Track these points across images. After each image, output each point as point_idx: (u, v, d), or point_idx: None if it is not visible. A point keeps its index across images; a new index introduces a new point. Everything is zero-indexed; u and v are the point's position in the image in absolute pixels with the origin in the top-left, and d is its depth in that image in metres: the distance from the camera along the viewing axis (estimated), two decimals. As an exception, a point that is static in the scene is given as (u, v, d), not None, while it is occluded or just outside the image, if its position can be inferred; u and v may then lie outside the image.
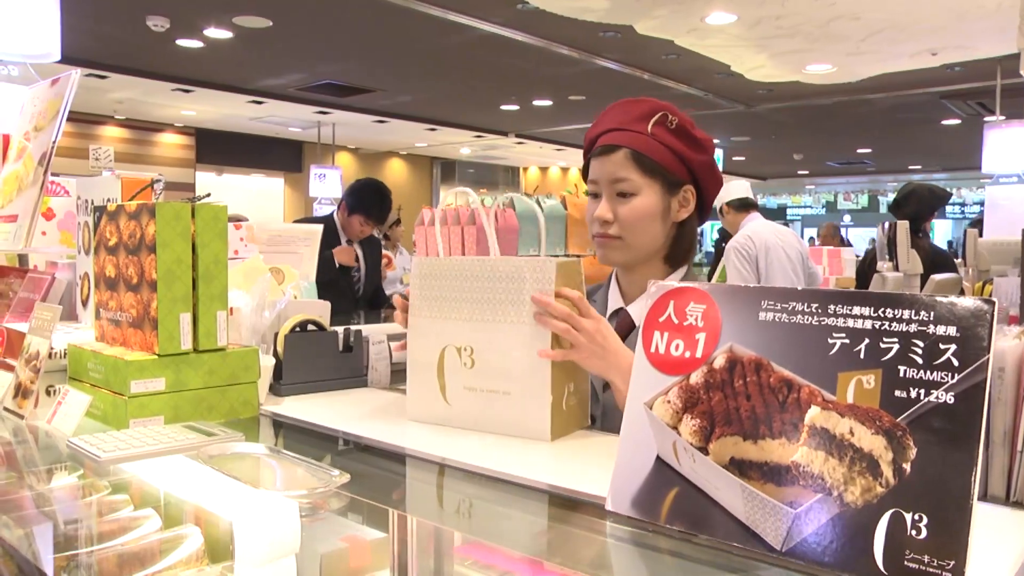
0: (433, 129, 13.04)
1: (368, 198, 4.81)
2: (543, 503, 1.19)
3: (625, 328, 1.78)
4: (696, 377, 1.03)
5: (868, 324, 0.91)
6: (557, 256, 3.98)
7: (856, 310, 0.93)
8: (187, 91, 10.01)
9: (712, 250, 19.83)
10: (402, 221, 9.38)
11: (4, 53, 3.14)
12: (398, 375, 2.59)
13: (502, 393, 1.45)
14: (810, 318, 0.96)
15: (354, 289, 4.86)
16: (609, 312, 1.84)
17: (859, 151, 16.51)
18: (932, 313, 0.87)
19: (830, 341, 0.94)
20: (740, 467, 0.96)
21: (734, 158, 16.61)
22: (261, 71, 9.12)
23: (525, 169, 18.92)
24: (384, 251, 6.58)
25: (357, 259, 4.87)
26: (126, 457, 1.33)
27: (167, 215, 1.53)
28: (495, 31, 7.07)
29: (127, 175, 1.97)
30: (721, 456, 0.98)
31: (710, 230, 26.22)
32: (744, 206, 5.31)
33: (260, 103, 10.83)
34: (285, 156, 15.01)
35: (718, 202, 5.38)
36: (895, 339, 0.89)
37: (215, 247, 1.60)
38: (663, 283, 1.10)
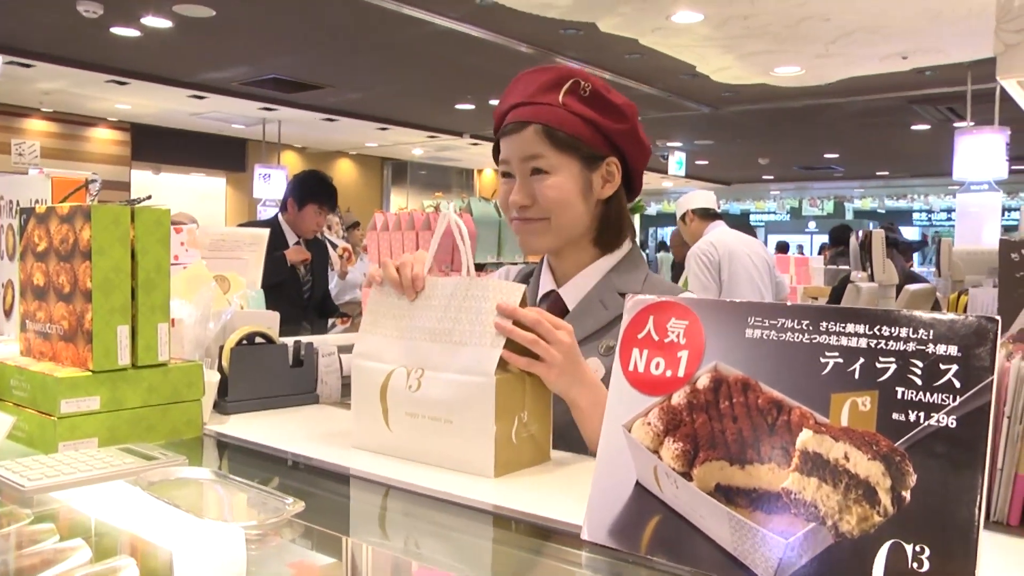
0: (384, 128, 13.00)
1: (316, 186, 4.83)
2: (510, 531, 1.16)
3: (557, 312, 1.69)
4: (678, 398, 1.01)
5: (863, 343, 0.90)
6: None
7: (850, 327, 0.91)
8: (122, 83, 9.87)
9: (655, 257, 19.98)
10: (360, 225, 9.34)
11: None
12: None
13: (443, 421, 1.34)
14: (801, 335, 0.95)
15: (302, 294, 4.82)
16: (540, 294, 1.77)
17: (826, 156, 16.76)
18: (931, 332, 0.86)
19: (822, 360, 0.92)
20: (727, 494, 0.94)
21: (697, 162, 16.75)
22: (203, 64, 9.04)
23: (480, 171, 18.93)
24: (344, 244, 6.54)
25: (306, 261, 4.83)
26: (55, 486, 1.27)
27: (104, 219, 1.48)
28: (452, 26, 7.08)
29: (58, 174, 1.91)
30: (706, 482, 0.96)
31: (668, 235, 26.51)
32: (708, 215, 5.35)
33: (201, 98, 10.73)
34: (227, 155, 14.88)
35: (681, 209, 5.41)
36: (892, 359, 0.88)
37: (156, 254, 1.55)
38: (641, 297, 1.09)
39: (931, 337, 0.86)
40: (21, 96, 10.71)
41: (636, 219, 9.63)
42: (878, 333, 0.89)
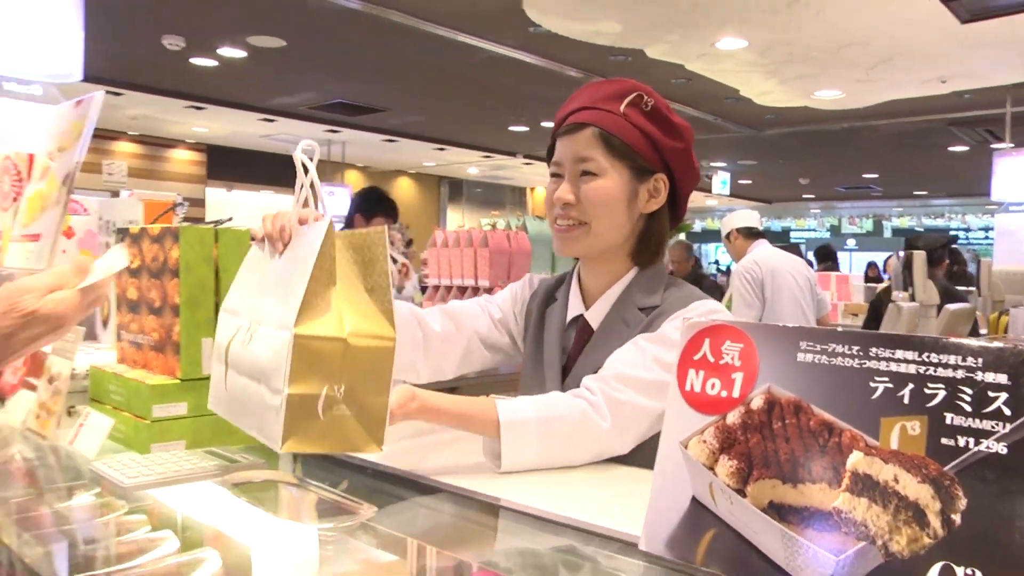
0: (442, 149, 13.08)
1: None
2: (570, 539, 1.17)
3: (584, 336, 1.67)
4: (733, 417, 1.00)
5: (912, 368, 0.89)
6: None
7: (899, 354, 0.90)
8: (199, 108, 10.07)
9: (715, 273, 19.83)
10: (413, 242, 9.40)
11: (28, 73, 3.16)
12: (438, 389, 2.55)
13: (256, 382, 1.13)
14: (851, 360, 0.94)
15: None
16: (569, 318, 1.71)
17: (865, 176, 16.53)
18: (980, 360, 0.85)
19: (872, 385, 0.91)
20: (779, 511, 0.94)
21: (740, 181, 16.63)
22: (273, 90, 9.18)
23: (532, 189, 18.96)
24: (404, 259, 6.60)
25: None
26: (150, 484, 1.31)
27: (191, 239, 1.52)
28: (507, 53, 7.11)
29: (148, 196, 1.96)
30: (759, 499, 0.96)
31: (714, 251, 26.25)
32: (752, 234, 5.31)
33: (271, 121, 10.89)
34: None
35: (727, 227, 5.38)
36: (941, 385, 0.87)
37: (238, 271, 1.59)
38: (697, 320, 1.09)
39: (980, 365, 0.85)
40: (111, 121, 11.01)
41: (682, 237, 9.59)
42: (927, 360, 0.88)
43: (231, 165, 13.97)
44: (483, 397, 1.48)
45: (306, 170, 1.25)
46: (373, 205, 4.86)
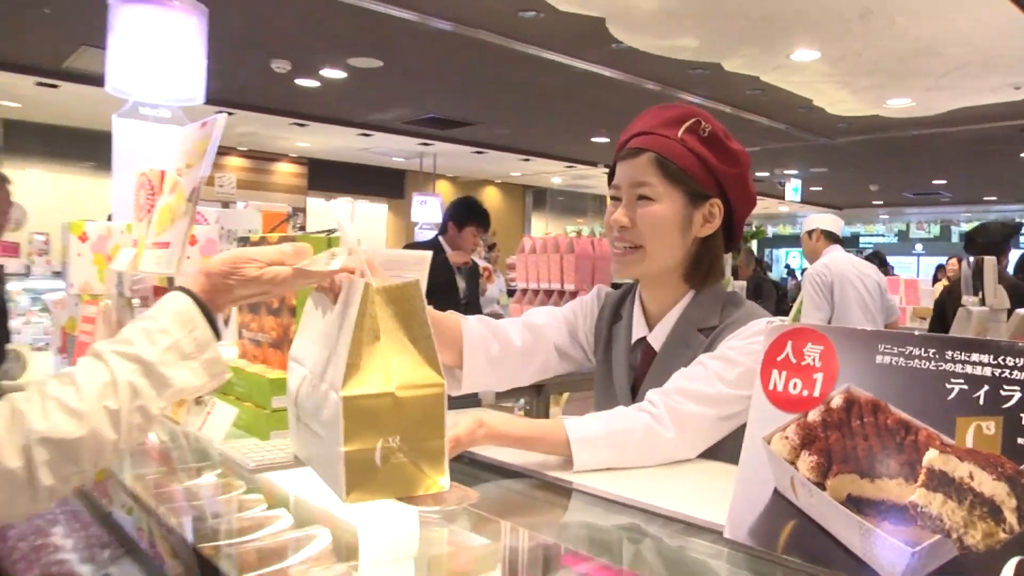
0: (527, 160, 13.13)
1: (475, 210, 4.98)
2: (655, 526, 1.18)
3: (648, 357, 1.66)
4: (814, 415, 1.01)
5: (987, 371, 0.89)
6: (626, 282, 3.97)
7: (975, 357, 0.90)
8: (302, 125, 10.30)
9: (786, 277, 19.42)
10: (496, 246, 9.48)
11: (159, 98, 3.30)
12: (503, 393, 2.60)
13: (317, 435, 1.12)
14: (927, 363, 0.94)
15: (459, 302, 4.95)
16: (634, 340, 1.70)
17: (935, 182, 16.03)
18: (1055, 363, 0.85)
19: (948, 386, 0.91)
20: (857, 504, 0.94)
21: (811, 188, 16.29)
22: (371, 107, 9.33)
23: (611, 197, 18.88)
24: (486, 264, 6.70)
25: (461, 272, 4.98)
26: (272, 466, 1.37)
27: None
28: (590, 68, 7.11)
29: (266, 207, 2.04)
30: (839, 492, 0.96)
31: (785, 256, 25.73)
32: (831, 238, 5.22)
33: (368, 135, 11.06)
34: (389, 183, 15.30)
35: (811, 225, 5.28)
36: (1016, 387, 0.86)
37: (351, 277, 1.65)
38: (780, 324, 1.09)
39: (1055, 368, 0.84)
40: (223, 138, 11.29)
41: (754, 244, 9.46)
42: (1003, 363, 0.88)
43: (330, 176, 14.25)
44: (549, 419, 1.49)
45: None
46: (465, 215, 4.93)
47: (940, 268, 12.71)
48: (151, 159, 3.03)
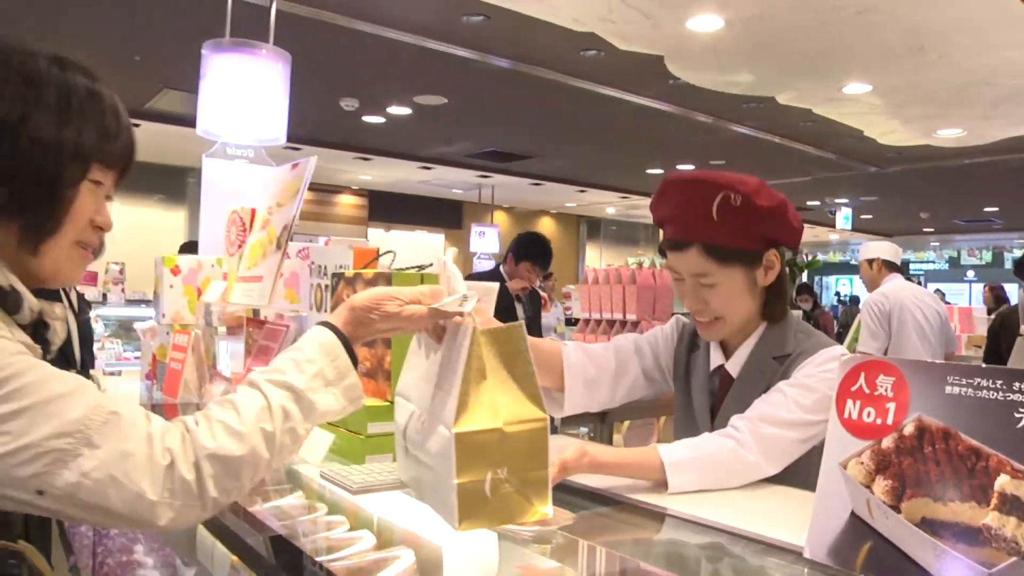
0: (583, 191, 13.19)
1: (533, 247, 5.06)
2: (739, 547, 1.23)
3: (726, 384, 1.73)
4: (888, 442, 1.06)
5: (1055, 401, 0.93)
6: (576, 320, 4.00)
7: (1042, 388, 0.95)
8: (366, 159, 10.51)
9: (836, 305, 19.11)
10: (553, 274, 9.54)
11: (244, 139, 3.47)
12: (568, 420, 2.66)
13: (428, 467, 1.17)
14: (995, 393, 0.99)
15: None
16: (712, 367, 1.77)
17: (986, 209, 15.70)
18: (1120, 394, 0.89)
19: (1016, 415, 0.96)
20: (931, 526, 0.99)
21: (862, 216, 16.08)
22: (433, 141, 9.48)
23: (664, 227, 18.85)
24: (543, 293, 6.78)
25: (521, 299, 5.07)
26: (374, 487, 1.45)
27: (400, 282, 1.67)
28: (645, 103, 7.16)
29: (357, 244, 2.14)
30: (913, 515, 1.01)
31: (835, 284, 25.28)
32: (891, 267, 5.20)
33: (429, 168, 11.22)
34: (446, 214, 15.47)
35: (871, 254, 5.25)
36: (1082, 416, 0.91)
37: (436, 310, 1.73)
38: (853, 356, 1.15)
39: (1120, 399, 0.89)
40: (287, 172, 11.64)
41: (804, 274, 9.38)
42: (1069, 394, 0.93)
43: (390, 208, 14.45)
44: (642, 447, 1.56)
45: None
46: (523, 250, 5.03)
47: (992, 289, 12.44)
48: (238, 196, 3.19)
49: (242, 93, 3.45)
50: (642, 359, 1.87)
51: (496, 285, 3.02)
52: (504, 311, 4.77)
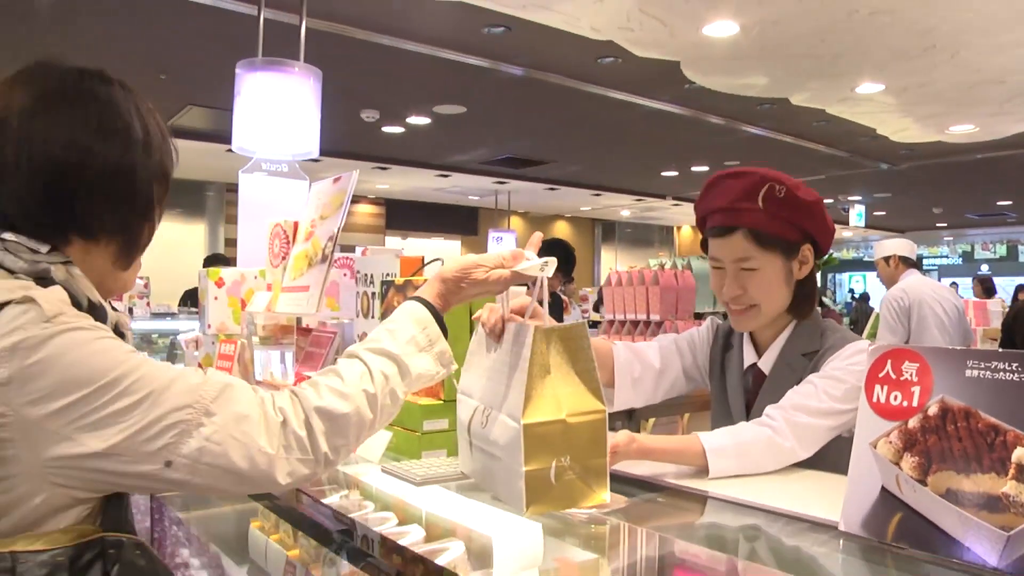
0: (598, 194, 13.29)
1: (558, 254, 5.16)
2: (780, 524, 1.34)
3: (759, 380, 1.85)
4: (913, 422, 1.17)
5: (1065, 381, 1.04)
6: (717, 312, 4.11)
7: (1053, 369, 1.06)
8: (384, 168, 10.65)
9: (850, 302, 19.09)
10: (573, 279, 9.63)
11: (278, 155, 3.60)
12: (618, 416, 2.75)
13: (496, 458, 1.26)
14: (1012, 375, 1.09)
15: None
16: (745, 366, 1.90)
17: (999, 203, 15.72)
18: (1123, 373, 1.00)
19: (1031, 394, 1.07)
20: (955, 497, 1.09)
21: (875, 213, 16.13)
22: (451, 150, 9.59)
23: (678, 228, 18.93)
24: (565, 297, 6.89)
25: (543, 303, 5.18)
26: (439, 479, 1.56)
27: (452, 289, 1.79)
28: (661, 107, 7.27)
29: (404, 254, 2.26)
30: (939, 487, 1.11)
31: (848, 280, 25.23)
32: (908, 263, 5.28)
33: (446, 176, 11.34)
34: (462, 221, 15.59)
35: (887, 251, 5.33)
36: (1090, 393, 1.01)
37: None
38: (881, 345, 1.25)
39: (1123, 377, 0.99)
40: (312, 183, 11.79)
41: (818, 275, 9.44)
42: (1078, 374, 1.03)
43: (407, 216, 14.60)
44: (684, 435, 1.68)
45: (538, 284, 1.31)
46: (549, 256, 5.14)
47: (1021, 288, 12.45)
48: (274, 209, 3.32)
49: (276, 110, 3.58)
50: (682, 358, 1.99)
51: (522, 290, 3.15)
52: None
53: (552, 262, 1.29)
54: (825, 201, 1.82)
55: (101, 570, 1.06)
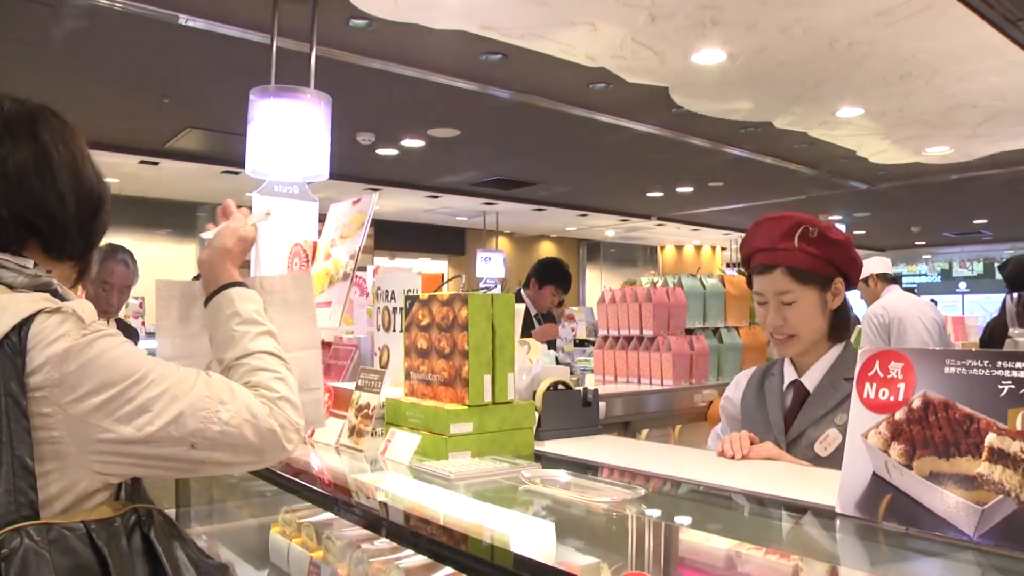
0: (584, 215, 13.45)
1: (558, 273, 5.32)
2: (779, 508, 1.50)
3: (800, 396, 2.05)
4: (900, 414, 1.33)
5: (1029, 375, 1.21)
6: (716, 328, 4.28)
7: (1018, 364, 1.22)
8: (375, 190, 10.78)
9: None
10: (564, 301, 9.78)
11: (291, 177, 3.74)
12: (615, 427, 2.90)
13: None
14: (983, 371, 1.25)
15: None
16: (786, 383, 2.10)
17: (975, 222, 16.01)
18: (1078, 368, 1.17)
19: (999, 387, 1.23)
20: (937, 478, 1.25)
21: (855, 232, 16.40)
22: (442, 171, 9.72)
23: (662, 248, 19.14)
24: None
25: (540, 321, 5.31)
26: (469, 475, 1.71)
27: (477, 303, 1.94)
28: (649, 131, 7.45)
29: (424, 271, 2.42)
30: (922, 470, 1.27)
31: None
32: (886, 279, 5.47)
33: (436, 197, 11.46)
34: (450, 241, 15.71)
35: (866, 272, 5.52)
36: (1051, 386, 1.18)
37: (506, 325, 1.99)
38: (870, 347, 1.42)
39: (1078, 371, 1.16)
40: (300, 203, 11.91)
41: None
42: (1040, 369, 1.20)
43: (395, 236, 14.68)
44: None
45: None
46: (547, 275, 5.29)
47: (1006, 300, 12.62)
48: (285, 230, 3.46)
49: (288, 134, 3.73)
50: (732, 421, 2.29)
51: (523, 307, 3.30)
52: (524, 332, 5.03)
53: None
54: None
55: (140, 533, 1.26)
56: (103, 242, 1.51)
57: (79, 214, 1.34)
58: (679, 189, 11.06)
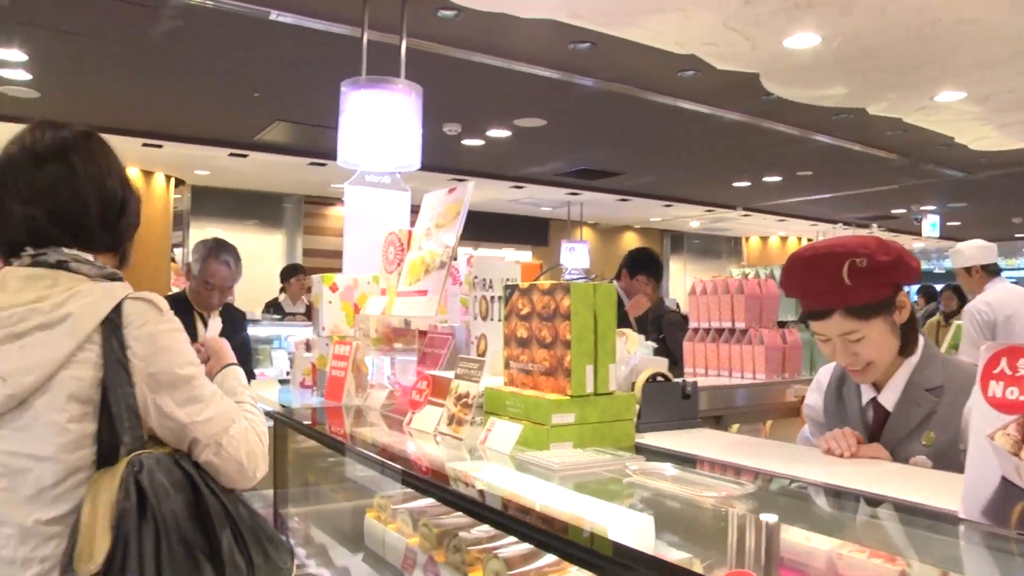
0: (668, 205, 13.31)
1: (648, 262, 5.27)
2: (900, 512, 1.44)
3: (880, 416, 1.96)
4: (1031, 415, 1.27)
5: None
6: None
7: None
8: (461, 180, 10.85)
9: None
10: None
11: (384, 167, 3.79)
12: (706, 420, 2.85)
13: None
14: (1124, 371, 1.19)
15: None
16: (865, 400, 2.02)
17: (1083, 212, 15.29)
18: None
19: None
20: (1075, 484, 1.19)
21: (948, 223, 15.80)
22: (528, 161, 9.73)
23: (747, 239, 18.81)
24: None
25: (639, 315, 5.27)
26: (574, 466, 1.70)
27: (579, 292, 1.92)
28: (737, 119, 7.32)
29: (523, 261, 2.41)
30: (1058, 475, 1.21)
31: (913, 293, 24.57)
32: (991, 271, 5.18)
33: (520, 187, 11.50)
34: (534, 231, 15.73)
35: (967, 261, 5.21)
36: None
37: (607, 315, 1.97)
38: (994, 344, 1.35)
39: None
40: (392, 195, 12.08)
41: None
42: None
43: (480, 226, 14.76)
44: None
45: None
46: (640, 266, 5.23)
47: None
48: (378, 220, 3.49)
49: (380, 125, 3.78)
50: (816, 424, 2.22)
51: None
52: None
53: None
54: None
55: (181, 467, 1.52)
56: (209, 236, 1.81)
57: (103, 216, 1.60)
58: (766, 179, 10.84)
